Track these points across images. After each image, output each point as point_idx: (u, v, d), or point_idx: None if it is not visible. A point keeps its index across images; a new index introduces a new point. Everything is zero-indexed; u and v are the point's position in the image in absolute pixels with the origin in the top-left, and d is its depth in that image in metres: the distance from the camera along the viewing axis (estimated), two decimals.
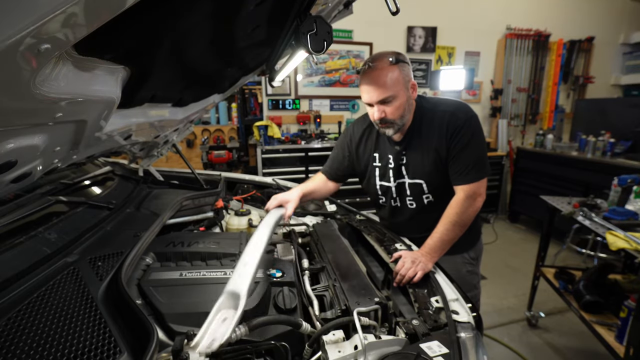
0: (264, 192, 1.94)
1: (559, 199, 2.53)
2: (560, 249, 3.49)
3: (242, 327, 0.72)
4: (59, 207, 1.12)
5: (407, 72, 1.24)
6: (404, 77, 1.23)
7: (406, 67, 1.24)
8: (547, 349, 2.41)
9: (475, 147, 1.28)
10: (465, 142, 1.26)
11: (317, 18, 0.81)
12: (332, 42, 0.83)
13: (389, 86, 1.20)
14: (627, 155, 3.65)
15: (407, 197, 1.40)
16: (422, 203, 1.39)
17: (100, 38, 0.47)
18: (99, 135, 0.90)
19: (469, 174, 1.27)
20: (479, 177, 1.27)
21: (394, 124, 1.27)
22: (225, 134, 4.57)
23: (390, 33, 4.38)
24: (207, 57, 1.08)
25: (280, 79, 1.65)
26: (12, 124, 0.54)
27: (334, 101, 4.53)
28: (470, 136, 1.26)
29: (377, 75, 1.21)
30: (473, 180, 1.27)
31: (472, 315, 0.88)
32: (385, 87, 1.20)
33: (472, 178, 1.27)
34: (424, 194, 1.37)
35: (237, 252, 1.07)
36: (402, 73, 1.22)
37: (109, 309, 0.72)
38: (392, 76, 1.20)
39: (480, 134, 1.31)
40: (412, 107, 1.31)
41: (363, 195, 4.13)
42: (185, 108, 1.46)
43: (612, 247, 1.80)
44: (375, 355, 0.72)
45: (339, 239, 1.36)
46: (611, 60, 5.43)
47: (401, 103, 1.23)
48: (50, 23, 0.35)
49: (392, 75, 1.20)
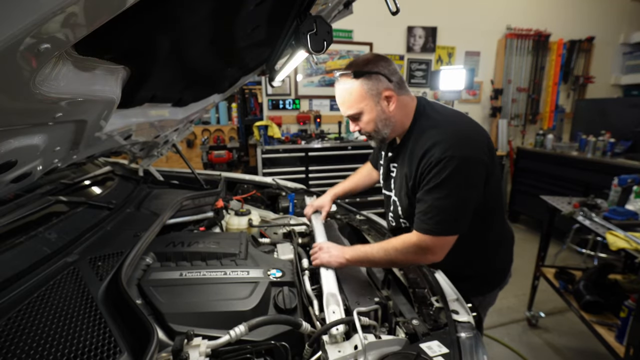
0: (264, 192, 1.94)
1: (559, 199, 2.53)
2: (560, 249, 3.49)
3: (242, 326, 0.72)
4: (59, 207, 1.12)
5: (373, 84, 1.07)
6: (369, 90, 1.07)
7: (372, 78, 1.07)
8: (547, 349, 2.41)
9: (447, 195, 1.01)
10: (434, 185, 1.02)
11: (317, 18, 0.81)
12: (332, 42, 0.83)
13: (352, 103, 1.10)
14: (627, 155, 3.65)
15: (389, 212, 1.31)
16: (400, 225, 1.25)
17: (100, 38, 0.47)
18: (99, 135, 0.90)
19: (426, 223, 1.03)
20: (438, 231, 1.02)
21: (373, 137, 1.17)
22: (225, 134, 4.57)
23: (390, 33, 4.38)
24: (207, 57, 1.08)
25: (280, 79, 1.65)
26: (12, 123, 0.54)
27: (334, 101, 4.52)
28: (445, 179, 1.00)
29: (341, 90, 1.12)
30: (429, 232, 1.02)
31: (472, 315, 0.88)
32: (349, 103, 1.11)
33: (429, 229, 1.02)
34: (400, 218, 1.24)
35: (237, 252, 1.07)
36: (365, 87, 1.07)
37: (109, 309, 0.72)
38: (355, 92, 1.08)
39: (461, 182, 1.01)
40: (391, 118, 1.12)
41: (363, 195, 4.13)
42: (185, 108, 1.46)
43: (612, 247, 1.80)
44: (375, 355, 0.72)
45: (339, 239, 1.36)
46: (611, 60, 5.43)
47: (371, 118, 1.11)
48: (50, 23, 0.35)
49: (355, 92, 1.08)
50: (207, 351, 0.67)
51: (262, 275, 0.96)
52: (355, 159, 3.99)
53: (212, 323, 0.79)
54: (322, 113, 4.45)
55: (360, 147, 4.04)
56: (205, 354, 0.66)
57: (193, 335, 0.67)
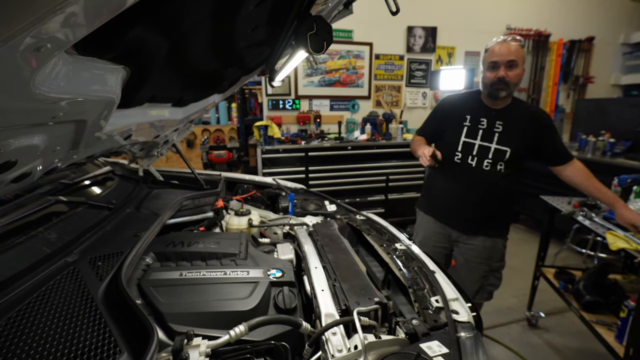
0: (264, 192, 1.94)
1: (559, 198, 2.53)
2: (560, 249, 3.49)
3: (242, 326, 0.72)
4: (59, 207, 1.12)
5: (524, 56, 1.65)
6: (524, 58, 1.64)
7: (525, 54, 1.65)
8: (547, 349, 2.41)
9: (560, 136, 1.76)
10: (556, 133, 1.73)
11: (317, 18, 0.81)
12: (332, 42, 0.83)
13: (517, 55, 1.60)
14: (627, 155, 3.65)
15: (486, 159, 1.69)
16: (495, 169, 1.68)
17: (100, 38, 0.47)
18: (99, 135, 0.90)
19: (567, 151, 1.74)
20: None
21: (505, 88, 1.63)
22: (225, 134, 4.57)
23: (390, 33, 4.38)
24: (207, 57, 1.08)
25: (280, 79, 1.65)
26: (12, 123, 0.54)
27: (334, 101, 4.52)
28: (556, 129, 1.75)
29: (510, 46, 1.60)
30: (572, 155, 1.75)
31: (472, 315, 0.88)
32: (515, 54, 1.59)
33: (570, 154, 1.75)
34: (501, 161, 1.68)
35: (237, 252, 1.07)
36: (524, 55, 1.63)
37: (109, 309, 0.72)
38: (522, 53, 1.62)
39: None
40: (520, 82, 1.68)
41: (363, 195, 4.13)
42: (185, 108, 1.46)
43: (612, 247, 1.80)
44: (375, 355, 0.72)
45: (339, 239, 1.35)
46: (611, 60, 5.43)
47: (519, 72, 1.62)
48: (50, 23, 0.35)
49: (521, 52, 1.62)
50: (207, 351, 0.67)
51: (262, 275, 0.96)
52: (355, 159, 3.99)
53: (212, 323, 0.79)
54: (322, 113, 4.44)
55: (360, 147, 4.04)
56: (205, 354, 0.66)
57: (193, 335, 0.67)
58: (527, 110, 1.74)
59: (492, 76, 1.64)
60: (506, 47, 1.60)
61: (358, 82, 4.53)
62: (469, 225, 1.81)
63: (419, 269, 1.09)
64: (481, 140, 1.71)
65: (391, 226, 1.44)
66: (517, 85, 1.65)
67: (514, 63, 1.60)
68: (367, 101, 4.63)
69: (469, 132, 1.74)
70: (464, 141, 1.74)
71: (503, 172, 1.69)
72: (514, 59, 1.59)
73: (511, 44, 1.60)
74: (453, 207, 1.83)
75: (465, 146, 1.74)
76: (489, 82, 1.66)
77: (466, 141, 1.74)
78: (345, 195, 3.97)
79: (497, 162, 1.68)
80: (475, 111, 1.74)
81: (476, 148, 1.71)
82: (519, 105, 1.75)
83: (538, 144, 1.69)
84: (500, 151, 1.67)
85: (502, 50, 1.60)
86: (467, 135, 1.74)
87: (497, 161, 1.68)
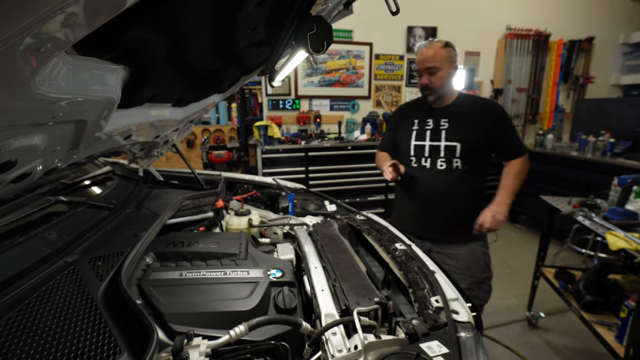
0: (264, 192, 1.94)
1: (559, 199, 2.53)
2: (560, 249, 3.49)
3: (242, 326, 0.72)
4: (59, 207, 1.12)
5: (452, 55, 1.63)
6: (450, 57, 1.62)
7: (453, 52, 1.63)
8: (547, 349, 2.41)
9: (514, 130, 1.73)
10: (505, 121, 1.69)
11: (317, 18, 0.81)
12: (332, 42, 0.83)
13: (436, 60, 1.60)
14: (627, 155, 3.65)
15: (439, 158, 1.69)
16: (451, 166, 1.67)
17: (100, 38, 0.47)
18: (99, 135, 0.90)
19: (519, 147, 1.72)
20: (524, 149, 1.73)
21: (432, 93, 1.66)
22: (225, 134, 4.57)
23: (390, 33, 4.38)
24: (207, 57, 1.08)
25: (280, 79, 1.65)
26: (12, 123, 0.54)
27: (334, 101, 4.53)
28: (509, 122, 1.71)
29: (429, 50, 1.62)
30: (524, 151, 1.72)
31: (472, 315, 0.88)
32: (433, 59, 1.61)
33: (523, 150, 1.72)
34: (455, 158, 1.66)
35: (237, 252, 1.07)
36: (448, 54, 1.61)
37: (109, 309, 0.72)
38: (441, 54, 1.61)
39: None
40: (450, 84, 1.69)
41: (363, 195, 4.13)
42: (185, 108, 1.46)
43: (612, 247, 1.80)
44: (375, 355, 0.72)
45: (339, 238, 1.35)
46: (611, 60, 5.43)
47: (443, 75, 1.62)
48: (50, 23, 0.35)
49: (440, 54, 1.60)
50: (207, 351, 0.67)
51: (262, 275, 0.96)
52: (355, 159, 3.99)
53: (212, 323, 0.79)
54: (322, 113, 4.45)
55: (360, 147, 4.04)
56: (205, 354, 0.66)
57: (193, 335, 0.67)
58: (475, 104, 1.73)
59: (419, 83, 1.71)
60: (424, 53, 1.62)
61: (358, 82, 4.53)
62: (438, 232, 1.74)
63: (419, 269, 1.09)
64: (430, 140, 1.71)
65: (391, 226, 1.44)
66: (444, 86, 1.65)
67: (433, 69, 1.61)
68: (367, 101, 4.63)
69: (417, 135, 1.75)
70: (415, 144, 1.75)
71: (461, 168, 1.67)
72: (431, 65, 1.61)
73: (429, 50, 1.61)
74: (419, 215, 1.77)
75: (417, 149, 1.75)
76: (419, 88, 1.73)
77: (416, 144, 1.75)
78: (345, 195, 3.97)
79: (451, 159, 1.67)
80: (422, 114, 1.77)
81: (427, 149, 1.72)
82: (465, 99, 1.75)
83: (490, 137, 1.66)
84: (450, 147, 1.66)
85: (421, 58, 1.64)
86: (417, 138, 1.75)
87: (450, 158, 1.67)
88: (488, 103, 1.76)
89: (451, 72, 1.65)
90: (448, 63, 1.62)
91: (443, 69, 1.61)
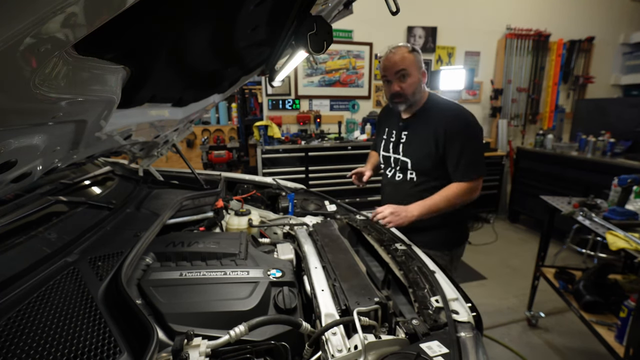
0: (264, 192, 1.94)
1: (559, 199, 2.53)
2: (560, 249, 3.49)
3: (242, 326, 0.72)
4: (59, 207, 1.12)
5: (419, 60, 1.54)
6: (418, 62, 1.53)
7: (419, 57, 1.54)
8: (547, 349, 2.41)
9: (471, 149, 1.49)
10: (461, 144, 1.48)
11: (317, 18, 0.81)
12: (332, 42, 0.83)
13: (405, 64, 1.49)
14: (627, 155, 3.65)
15: (397, 170, 1.69)
16: (405, 178, 1.65)
17: (100, 38, 0.47)
18: (99, 135, 0.90)
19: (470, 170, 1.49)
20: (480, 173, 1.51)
21: (404, 101, 1.55)
22: (225, 134, 4.57)
23: (390, 33, 4.38)
24: (207, 57, 1.08)
25: (280, 79, 1.65)
26: (12, 123, 0.54)
27: (334, 101, 4.53)
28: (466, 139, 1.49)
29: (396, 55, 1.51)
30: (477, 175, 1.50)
31: (472, 315, 0.88)
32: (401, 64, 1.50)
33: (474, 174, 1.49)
34: (408, 170, 1.63)
35: (237, 252, 1.07)
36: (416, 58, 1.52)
37: (109, 309, 0.72)
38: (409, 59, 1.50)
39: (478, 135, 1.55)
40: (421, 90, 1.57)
41: (363, 195, 4.13)
42: (185, 108, 1.46)
43: (612, 247, 1.80)
44: (375, 355, 0.72)
45: (339, 238, 1.35)
46: (611, 60, 5.43)
47: (413, 81, 1.52)
48: (50, 23, 0.35)
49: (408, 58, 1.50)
50: (207, 351, 0.67)
51: (262, 275, 0.96)
52: (355, 158, 3.99)
53: (212, 323, 0.79)
54: (322, 113, 4.45)
55: (360, 147, 4.04)
56: (205, 354, 0.66)
57: (193, 335, 0.67)
58: (436, 117, 1.54)
59: (388, 91, 1.59)
60: (390, 59, 1.51)
61: (358, 82, 4.53)
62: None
63: (419, 269, 1.09)
64: (393, 152, 1.69)
65: None
66: (415, 94, 1.54)
67: (403, 73, 1.50)
68: (367, 101, 4.63)
69: (385, 146, 1.74)
70: (382, 155, 1.75)
71: (416, 180, 1.61)
72: (401, 68, 1.49)
73: (395, 55, 1.50)
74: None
75: (384, 159, 1.75)
76: (388, 97, 1.62)
77: (384, 154, 1.75)
78: (345, 195, 3.97)
79: (406, 171, 1.64)
80: (392, 123, 1.72)
81: (392, 160, 1.70)
82: (433, 109, 1.58)
83: (442, 153, 1.52)
84: (404, 162, 1.63)
85: (387, 64, 1.52)
86: (384, 149, 1.74)
87: (404, 170, 1.64)
88: (453, 119, 1.52)
89: (420, 78, 1.54)
90: (417, 69, 1.52)
91: (414, 73, 1.51)
